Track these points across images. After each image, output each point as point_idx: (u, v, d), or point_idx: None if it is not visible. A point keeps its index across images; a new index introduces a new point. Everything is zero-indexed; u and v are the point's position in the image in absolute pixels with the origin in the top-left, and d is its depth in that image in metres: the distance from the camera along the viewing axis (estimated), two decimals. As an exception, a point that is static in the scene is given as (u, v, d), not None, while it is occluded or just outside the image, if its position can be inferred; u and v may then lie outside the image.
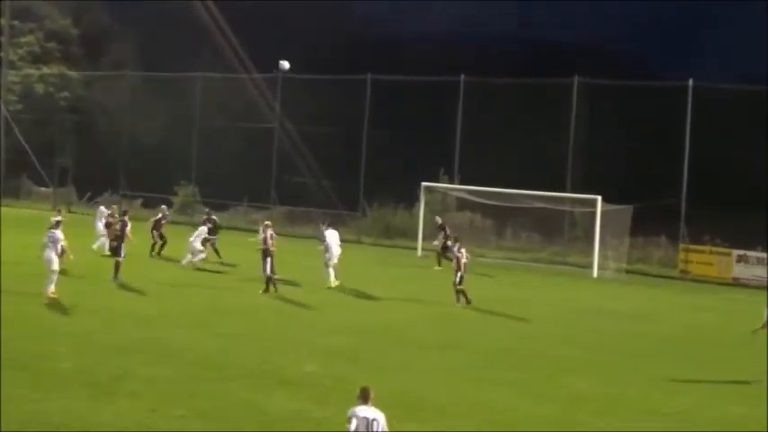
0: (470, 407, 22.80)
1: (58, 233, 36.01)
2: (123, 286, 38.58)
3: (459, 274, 38.02)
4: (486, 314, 37.02)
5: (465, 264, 38.79)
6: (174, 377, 24.35)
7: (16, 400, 20.90)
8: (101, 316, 32.44)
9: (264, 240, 39.65)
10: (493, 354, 29.83)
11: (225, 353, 27.63)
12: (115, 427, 20.12)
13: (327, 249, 41.86)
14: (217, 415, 21.09)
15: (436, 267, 49.29)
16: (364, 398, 16.74)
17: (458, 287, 37.83)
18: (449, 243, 48.90)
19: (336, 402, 21.17)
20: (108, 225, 45.97)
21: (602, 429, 22.04)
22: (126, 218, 42.26)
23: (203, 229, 46.93)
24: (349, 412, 16.46)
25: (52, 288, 34.97)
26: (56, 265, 35.35)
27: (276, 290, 38.98)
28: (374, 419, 16.41)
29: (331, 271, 41.84)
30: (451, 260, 41.81)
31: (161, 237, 48.57)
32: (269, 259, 39.01)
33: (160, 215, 49.64)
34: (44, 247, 35.93)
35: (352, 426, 16.20)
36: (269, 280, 38.92)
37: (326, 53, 67.25)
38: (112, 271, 39.87)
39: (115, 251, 40.29)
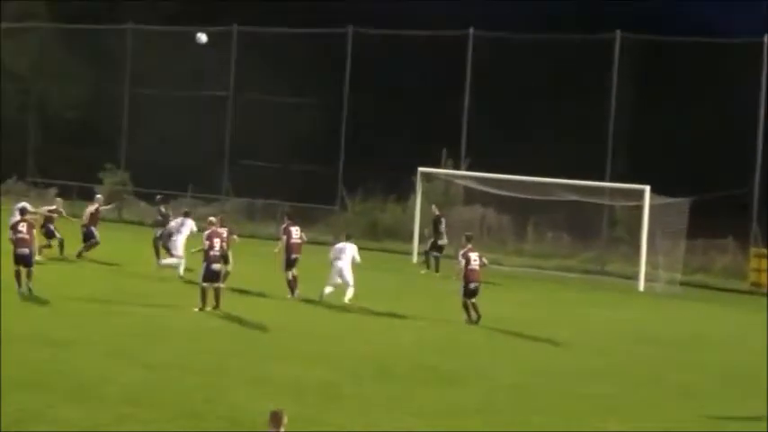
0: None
1: None
2: (30, 299, 38.73)
3: (468, 285, 38.86)
4: (498, 340, 37.22)
5: (475, 271, 39.56)
6: (94, 419, 24.19)
7: None
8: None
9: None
10: (506, 391, 29.49)
11: (158, 389, 27.35)
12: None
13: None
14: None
15: (422, 271, 50.93)
16: (276, 423, 18.37)
17: (464, 299, 38.30)
18: (441, 242, 49.59)
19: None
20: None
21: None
22: (27, 216, 42.86)
23: (190, 224, 47.48)
24: None
25: None
26: None
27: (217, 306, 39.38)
28: None
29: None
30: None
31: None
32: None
33: (96, 206, 51.25)
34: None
35: None
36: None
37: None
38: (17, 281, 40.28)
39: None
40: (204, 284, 38.93)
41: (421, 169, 57.41)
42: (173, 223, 47.30)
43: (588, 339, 38.51)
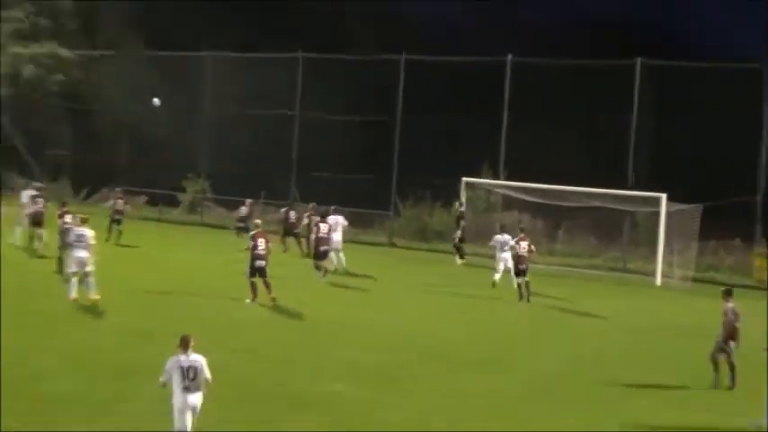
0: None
1: (88, 231, 36.93)
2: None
3: (518, 266, 43.00)
4: (534, 330, 37.42)
5: (524, 256, 43.23)
6: None
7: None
8: (99, 330, 32.64)
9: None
10: (539, 378, 29.62)
11: (234, 372, 26.91)
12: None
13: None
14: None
15: (459, 262, 51.93)
16: (184, 346, 20.47)
17: (516, 280, 41.30)
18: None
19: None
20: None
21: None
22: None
23: (339, 220, 49.81)
24: (168, 364, 20.45)
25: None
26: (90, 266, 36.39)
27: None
28: (190, 366, 20.32)
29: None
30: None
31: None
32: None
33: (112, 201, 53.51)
34: (68, 246, 37.04)
35: (163, 377, 20.41)
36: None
37: (355, 30, 68.20)
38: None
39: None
40: (252, 279, 38.95)
41: (464, 179, 57.52)
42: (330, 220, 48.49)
43: (610, 329, 38.73)
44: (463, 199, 56.96)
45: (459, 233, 54.14)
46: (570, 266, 55.59)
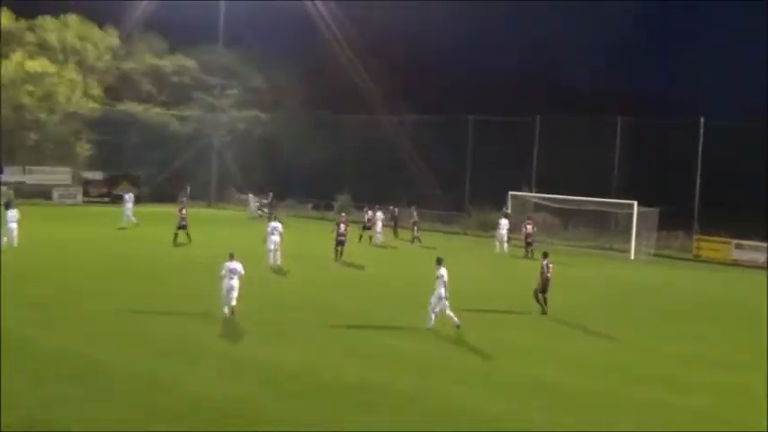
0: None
1: (279, 225, 37.69)
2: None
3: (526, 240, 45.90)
4: (554, 286, 36.94)
5: (530, 234, 46.77)
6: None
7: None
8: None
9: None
10: (560, 311, 28.92)
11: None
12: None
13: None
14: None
15: (497, 251, 49.88)
16: (230, 257, 25.21)
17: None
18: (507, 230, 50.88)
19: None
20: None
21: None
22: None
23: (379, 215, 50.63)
24: (222, 266, 24.84)
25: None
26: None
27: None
28: (234, 267, 25.03)
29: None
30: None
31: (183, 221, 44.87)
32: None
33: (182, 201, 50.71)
34: (267, 235, 37.28)
35: (223, 270, 24.59)
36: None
37: (441, 98, 68.36)
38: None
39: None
40: (337, 247, 40.74)
41: (510, 192, 56.98)
42: None
43: (602, 283, 38.94)
44: (509, 205, 56.57)
45: (506, 229, 52.39)
46: (576, 246, 54.65)
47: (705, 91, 63.17)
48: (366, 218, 51.83)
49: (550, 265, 28.80)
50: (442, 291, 24.61)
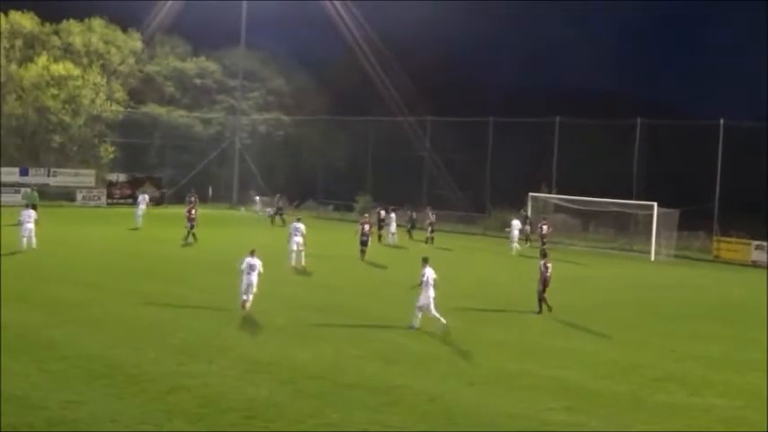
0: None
1: (302, 226, 37.92)
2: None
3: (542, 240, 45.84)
4: (571, 284, 36.70)
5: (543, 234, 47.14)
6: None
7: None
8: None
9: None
10: (576, 311, 29.46)
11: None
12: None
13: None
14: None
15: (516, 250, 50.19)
16: (251, 253, 25.57)
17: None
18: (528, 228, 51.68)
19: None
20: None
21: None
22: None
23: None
24: (242, 261, 25.17)
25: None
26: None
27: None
28: (252, 264, 25.54)
29: None
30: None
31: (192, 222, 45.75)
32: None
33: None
34: (290, 236, 37.56)
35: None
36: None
37: (462, 99, 68.05)
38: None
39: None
40: (362, 248, 41.48)
41: (531, 194, 57.32)
42: None
43: (623, 287, 38.65)
44: (529, 206, 56.71)
45: (527, 228, 53.43)
46: (597, 248, 54.94)
47: (725, 92, 63.13)
48: (378, 218, 52.22)
49: (548, 265, 28.71)
50: (431, 291, 24.54)
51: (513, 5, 71.74)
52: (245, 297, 25.89)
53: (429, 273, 24.61)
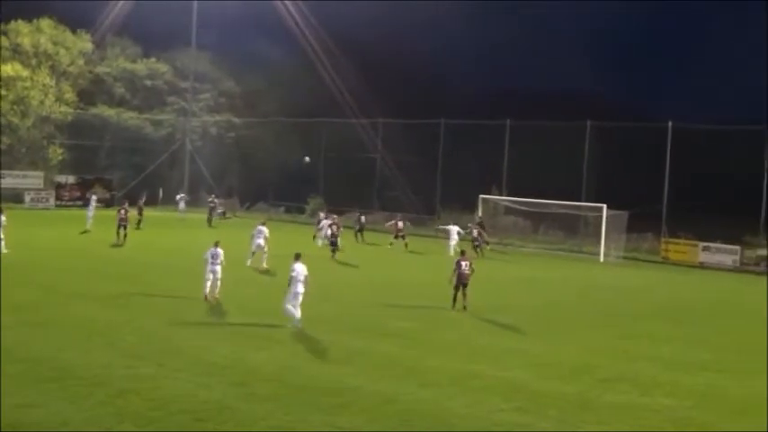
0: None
1: (266, 229, 38.01)
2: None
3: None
4: (524, 285, 37.48)
5: (475, 238, 47.54)
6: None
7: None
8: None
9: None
10: (529, 311, 29.73)
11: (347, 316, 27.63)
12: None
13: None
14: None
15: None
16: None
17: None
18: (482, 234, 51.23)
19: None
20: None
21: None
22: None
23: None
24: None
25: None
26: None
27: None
28: (215, 253, 27.03)
29: None
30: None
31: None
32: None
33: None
34: (252, 238, 37.82)
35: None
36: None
37: (413, 101, 68.34)
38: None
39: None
40: (332, 248, 42.87)
41: (481, 196, 57.31)
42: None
43: (572, 285, 39.11)
44: (480, 208, 56.81)
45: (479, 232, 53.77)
46: (547, 249, 55.51)
47: (674, 94, 63.73)
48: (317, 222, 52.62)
49: (464, 263, 29.21)
50: (300, 287, 24.57)
51: (466, 6, 71.87)
52: (208, 286, 27.47)
53: (299, 268, 24.76)
